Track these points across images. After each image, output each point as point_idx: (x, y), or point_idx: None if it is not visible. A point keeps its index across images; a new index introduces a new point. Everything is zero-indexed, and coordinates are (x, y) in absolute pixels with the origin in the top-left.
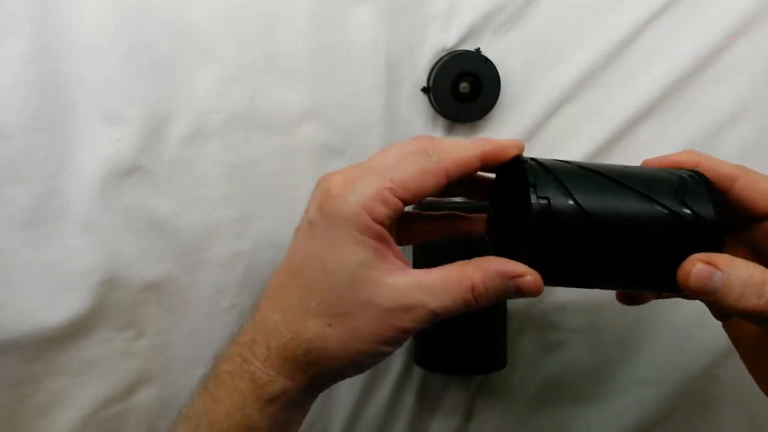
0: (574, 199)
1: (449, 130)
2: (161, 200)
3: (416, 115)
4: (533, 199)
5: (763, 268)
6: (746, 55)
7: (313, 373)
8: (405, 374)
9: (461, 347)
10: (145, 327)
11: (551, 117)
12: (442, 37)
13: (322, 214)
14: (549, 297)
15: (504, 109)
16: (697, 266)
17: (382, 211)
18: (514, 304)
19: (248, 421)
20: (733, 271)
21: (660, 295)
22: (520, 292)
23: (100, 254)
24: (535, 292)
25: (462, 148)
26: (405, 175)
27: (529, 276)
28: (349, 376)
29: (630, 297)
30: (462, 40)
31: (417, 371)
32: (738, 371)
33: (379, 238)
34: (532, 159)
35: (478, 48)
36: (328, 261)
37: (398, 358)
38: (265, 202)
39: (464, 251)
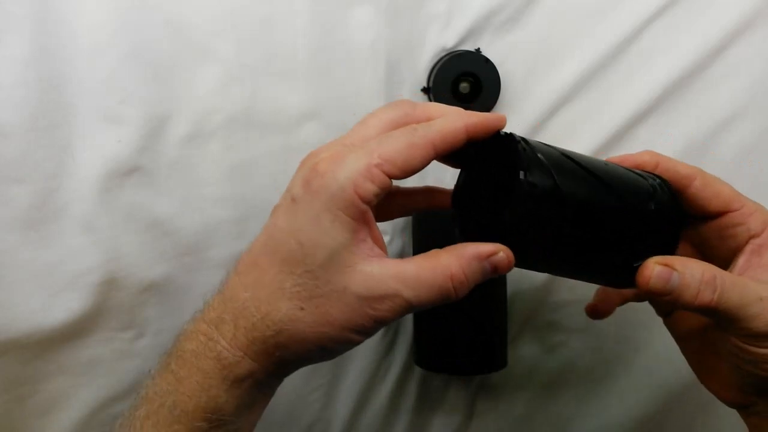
0: (557, 184)
1: None
2: (161, 200)
3: None
4: (522, 178)
5: (711, 265)
6: (746, 55)
7: (281, 356)
8: (405, 374)
9: (461, 347)
10: (145, 327)
11: (551, 117)
12: (442, 37)
13: (308, 190)
14: (549, 297)
15: (504, 110)
16: (656, 269)
17: (370, 189)
18: (514, 304)
19: (214, 402)
20: (688, 271)
21: (622, 300)
22: (495, 270)
23: (100, 254)
24: (507, 268)
25: (448, 120)
26: (392, 151)
27: (502, 252)
28: (317, 362)
29: (597, 311)
30: (462, 40)
31: (417, 371)
32: None
33: (361, 219)
34: (520, 138)
35: (478, 48)
36: (306, 238)
37: (398, 358)
38: (265, 202)
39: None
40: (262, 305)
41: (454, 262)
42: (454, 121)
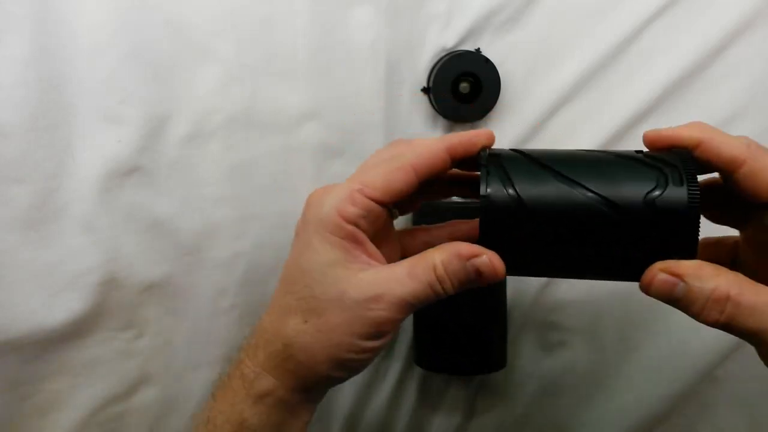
0: (516, 191)
1: (449, 130)
2: (161, 200)
3: (416, 115)
4: (482, 190)
5: (733, 278)
6: (746, 55)
7: (294, 369)
8: (405, 374)
9: (461, 347)
10: (145, 327)
11: (551, 117)
12: (442, 37)
13: (303, 222)
14: (549, 297)
15: (504, 110)
16: (659, 277)
17: (352, 211)
18: (514, 304)
19: (240, 416)
20: (697, 283)
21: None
22: (479, 273)
23: (100, 254)
24: (493, 273)
25: (428, 144)
26: (373, 176)
27: (485, 256)
28: (338, 377)
29: None
30: (462, 40)
31: (417, 371)
32: (738, 371)
33: (350, 238)
34: (495, 151)
35: (478, 48)
36: (303, 260)
37: (398, 358)
38: (265, 202)
39: None
40: (273, 323)
41: (437, 256)
42: (433, 143)
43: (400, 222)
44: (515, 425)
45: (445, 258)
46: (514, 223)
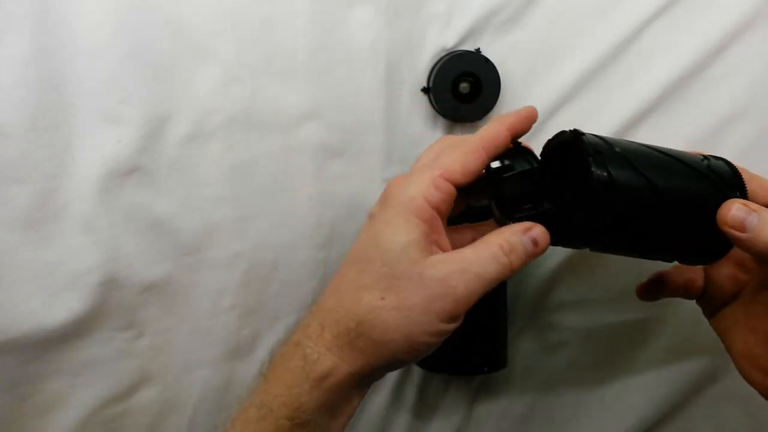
0: (637, 170)
1: (449, 131)
2: (161, 200)
3: (416, 115)
4: (595, 169)
5: None
6: (746, 55)
7: (363, 348)
8: (405, 374)
9: (461, 347)
10: (145, 327)
11: (551, 117)
12: (442, 37)
13: (383, 206)
14: (549, 297)
15: (504, 110)
16: (735, 205)
17: (436, 195)
18: (514, 304)
19: (297, 400)
20: (765, 213)
21: (678, 291)
22: (536, 243)
23: (100, 254)
24: (544, 243)
25: (489, 126)
26: (450, 161)
27: (537, 228)
28: (404, 360)
29: (651, 289)
30: (462, 40)
31: (417, 371)
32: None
33: (431, 222)
34: (577, 131)
35: (478, 48)
36: (382, 240)
37: None
38: (265, 202)
39: None
40: (344, 302)
41: (501, 235)
42: (494, 125)
43: None
44: (515, 425)
45: (507, 236)
46: (632, 202)
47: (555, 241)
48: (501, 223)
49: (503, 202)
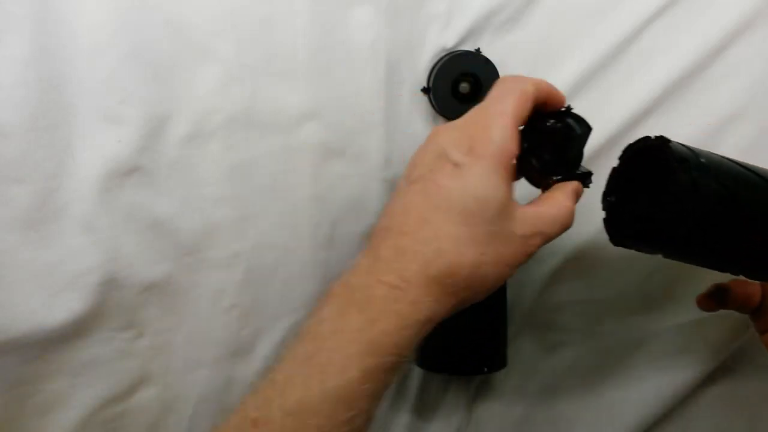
0: (720, 181)
1: None
2: (161, 200)
3: (416, 115)
4: (681, 176)
5: None
6: (746, 55)
7: (464, 297)
8: (405, 374)
9: (461, 347)
10: (145, 327)
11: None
12: (442, 37)
13: (474, 155)
14: (549, 297)
15: None
16: None
17: (515, 149)
18: (514, 304)
19: (406, 341)
20: None
21: (736, 304)
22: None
23: (100, 254)
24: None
25: (543, 83)
26: (519, 107)
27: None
28: (475, 302)
29: (712, 301)
30: (462, 40)
31: (417, 371)
32: (738, 371)
33: (512, 175)
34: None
35: (478, 48)
36: (480, 194)
37: None
38: (265, 202)
39: None
40: (449, 255)
41: (565, 198)
42: (546, 84)
43: None
44: (515, 425)
45: (570, 194)
46: (714, 211)
47: (624, 242)
48: (537, 179)
49: (556, 159)
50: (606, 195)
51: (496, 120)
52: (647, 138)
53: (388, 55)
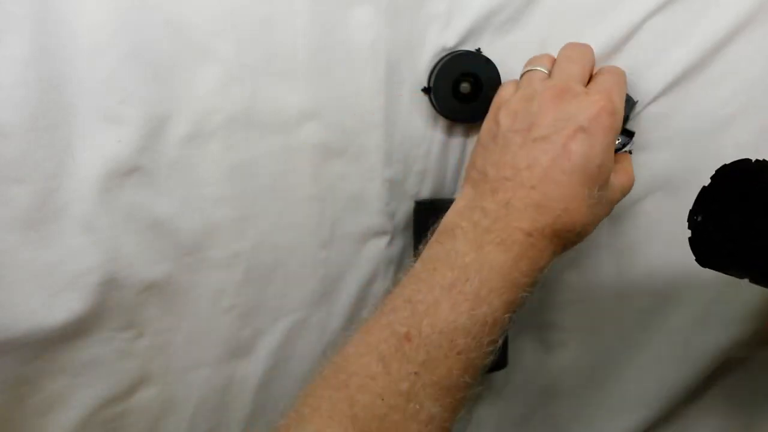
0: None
1: (449, 130)
2: (161, 200)
3: (416, 115)
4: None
5: None
6: (746, 54)
7: (567, 245)
8: None
9: None
10: (145, 327)
11: None
12: (443, 37)
13: (598, 124)
14: (549, 297)
15: None
16: None
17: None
18: None
19: (540, 277)
20: None
21: None
22: None
23: (100, 254)
24: None
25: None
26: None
27: None
28: None
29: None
30: (462, 40)
31: None
32: (738, 371)
33: None
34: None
35: (479, 48)
36: (601, 162)
37: None
38: (265, 202)
39: None
40: (573, 214)
41: (631, 168)
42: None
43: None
44: (515, 425)
45: (631, 162)
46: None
47: (711, 264)
48: None
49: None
50: (693, 213)
51: (611, 96)
52: (746, 160)
53: (388, 55)
